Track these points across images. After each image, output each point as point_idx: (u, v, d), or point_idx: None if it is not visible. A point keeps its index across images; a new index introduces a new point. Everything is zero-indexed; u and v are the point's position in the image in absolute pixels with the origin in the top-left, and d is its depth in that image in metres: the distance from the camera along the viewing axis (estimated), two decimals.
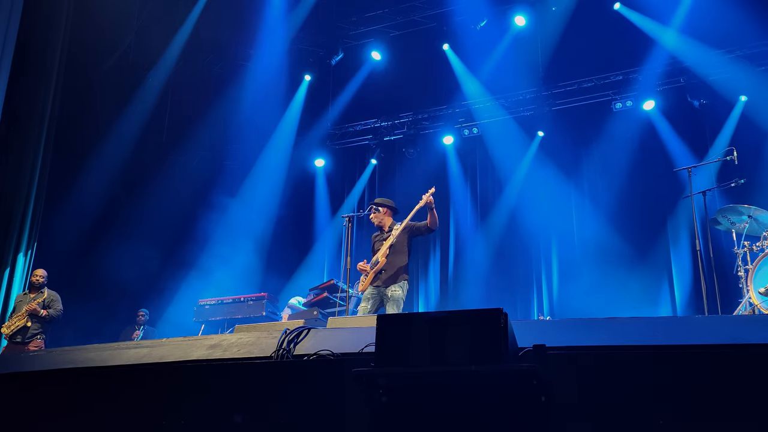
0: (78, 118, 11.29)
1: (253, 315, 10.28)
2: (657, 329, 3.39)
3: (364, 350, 3.53)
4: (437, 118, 13.18)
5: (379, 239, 7.47)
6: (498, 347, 2.92)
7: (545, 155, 12.10)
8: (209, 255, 12.28)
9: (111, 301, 11.28)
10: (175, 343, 4.39)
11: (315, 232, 13.90)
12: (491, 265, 11.96)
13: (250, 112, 12.83)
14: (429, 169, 12.92)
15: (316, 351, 3.71)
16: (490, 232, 12.39)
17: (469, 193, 12.96)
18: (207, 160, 13.49)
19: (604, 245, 11.13)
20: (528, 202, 11.94)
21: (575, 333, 3.49)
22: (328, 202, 14.07)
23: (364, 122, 13.73)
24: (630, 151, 11.40)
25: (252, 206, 12.92)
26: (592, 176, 11.91)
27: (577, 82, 12.04)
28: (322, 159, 13.99)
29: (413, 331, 3.12)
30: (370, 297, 7.13)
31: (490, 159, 12.86)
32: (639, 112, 11.59)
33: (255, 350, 3.99)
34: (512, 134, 12.41)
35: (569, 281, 11.33)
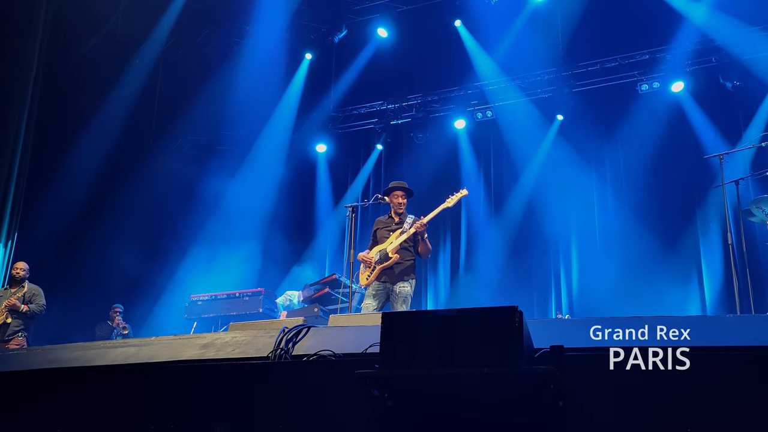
0: (61, 102, 11.30)
1: (248, 312, 10.29)
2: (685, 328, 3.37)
3: (368, 350, 3.53)
4: (448, 101, 13.14)
5: (386, 228, 7.40)
6: (512, 348, 2.91)
7: (565, 141, 12.05)
8: (202, 247, 12.31)
9: (97, 296, 11.31)
10: (165, 342, 4.39)
11: (316, 223, 13.90)
12: (505, 259, 11.94)
13: (246, 94, 12.82)
14: (439, 156, 12.89)
15: (316, 351, 3.71)
16: (504, 224, 12.37)
17: (482, 181, 12.92)
18: (199, 146, 13.50)
19: (627, 238, 11.10)
20: (546, 191, 11.91)
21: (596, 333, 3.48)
22: (330, 190, 14.06)
23: (369, 105, 13.70)
24: (657, 136, 11.35)
25: (248, 196, 12.93)
26: (616, 164, 11.86)
27: (600, 62, 11.98)
28: (324, 144, 13.98)
29: (421, 330, 3.12)
30: (375, 293, 7.12)
31: (505, 145, 12.81)
32: (667, 94, 11.53)
33: (251, 350, 4.00)
34: (529, 118, 12.37)
35: (590, 277, 11.31)
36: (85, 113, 11.67)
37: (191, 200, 12.82)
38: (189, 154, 13.26)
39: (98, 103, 11.78)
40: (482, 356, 2.96)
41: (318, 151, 14.06)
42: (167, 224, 12.48)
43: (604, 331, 3.50)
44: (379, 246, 7.29)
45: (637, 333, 3.40)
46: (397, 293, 7.04)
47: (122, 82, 12.10)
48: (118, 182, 12.21)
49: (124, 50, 12.17)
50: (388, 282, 7.11)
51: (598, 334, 3.47)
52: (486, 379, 2.95)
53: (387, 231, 7.37)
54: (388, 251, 7.15)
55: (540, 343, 3.16)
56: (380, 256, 7.17)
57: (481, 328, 3.02)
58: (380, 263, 7.15)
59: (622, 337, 3.33)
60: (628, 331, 3.43)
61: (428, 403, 3.22)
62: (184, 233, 12.47)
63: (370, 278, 7.17)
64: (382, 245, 7.27)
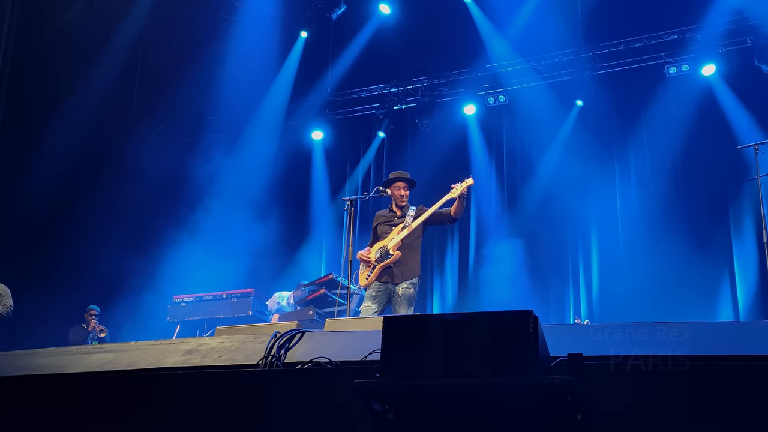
0: (31, 84, 11.29)
1: (237, 314, 10.31)
2: (716, 336, 3.37)
3: (367, 358, 3.53)
4: (457, 84, 13.13)
5: (387, 222, 7.40)
6: (526, 356, 2.91)
7: (585, 129, 12.04)
8: (186, 244, 12.29)
9: (70, 296, 11.31)
10: (145, 348, 4.39)
11: (311, 217, 13.91)
12: (519, 258, 11.94)
13: (235, 76, 12.81)
14: (447, 144, 12.89)
15: (311, 358, 3.71)
16: (518, 220, 12.37)
17: (493, 173, 12.92)
18: (184, 132, 13.50)
19: (653, 236, 11.10)
20: (563, 184, 11.90)
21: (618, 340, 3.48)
22: (327, 182, 14.07)
23: (371, 88, 13.69)
24: (685, 124, 11.34)
25: (237, 187, 12.93)
26: (640, 154, 11.85)
27: (624, 42, 11.97)
28: (321, 131, 13.97)
29: (426, 336, 3.12)
30: (375, 295, 7.12)
31: (519, 133, 12.81)
32: (697, 77, 11.51)
33: (239, 357, 4.00)
34: (546, 103, 12.36)
35: (611, 278, 11.31)
36: (58, 96, 11.65)
37: (174, 192, 12.82)
38: (172, 141, 13.24)
39: (73, 84, 11.76)
40: (493, 365, 2.95)
41: (314, 139, 14.06)
42: (148, 218, 12.47)
43: (626, 338, 3.50)
44: (380, 243, 7.28)
45: (663, 340, 3.39)
46: (400, 295, 7.04)
47: (99, 61, 12.08)
48: (94, 172, 12.20)
49: (101, 26, 12.14)
50: (390, 282, 7.11)
51: (620, 341, 3.46)
52: (497, 390, 2.95)
53: (388, 226, 7.36)
54: (390, 248, 7.14)
55: (556, 350, 3.16)
56: (381, 254, 7.17)
57: (491, 334, 3.01)
58: (381, 262, 7.14)
59: (646, 344, 3.32)
60: (653, 338, 3.43)
61: (433, 415, 3.22)
62: (166, 228, 12.47)
63: (370, 278, 7.17)
64: (382, 242, 7.26)
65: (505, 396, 2.99)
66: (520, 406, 3.06)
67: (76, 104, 11.68)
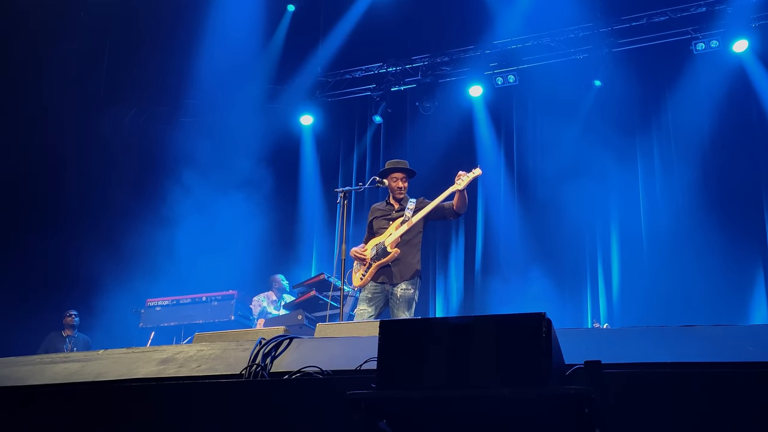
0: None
1: (218, 319, 10.31)
2: (749, 341, 3.37)
3: (362, 367, 3.53)
4: (461, 62, 13.12)
5: (384, 216, 7.40)
6: (539, 364, 2.91)
7: (603, 112, 12.03)
8: (161, 241, 12.29)
9: (35, 299, 11.32)
10: (116, 357, 4.39)
11: (300, 211, 13.91)
12: (531, 256, 11.94)
13: (215, 55, 12.80)
14: (450, 130, 12.89)
15: (300, 367, 3.71)
16: (529, 213, 12.37)
17: (502, 161, 12.92)
18: (158, 117, 13.48)
19: (679, 231, 11.11)
20: (580, 173, 11.88)
21: (641, 345, 3.48)
22: (317, 172, 14.06)
23: (366, 67, 13.68)
24: (715, 106, 11.35)
25: (217, 178, 12.91)
26: (665, 140, 11.86)
27: (647, 16, 11.96)
28: (310, 115, 13.96)
29: (428, 342, 3.12)
30: (371, 297, 7.12)
31: (531, 117, 12.80)
32: (727, 55, 11.51)
33: (220, 366, 4.00)
34: (560, 84, 12.34)
35: (633, 277, 11.32)
36: (17, 77, 11.61)
37: (148, 183, 12.80)
38: (145, 126, 13.23)
39: (33, 64, 11.73)
40: (502, 374, 2.96)
41: (303, 124, 14.04)
42: (118, 212, 12.44)
43: (650, 344, 3.50)
44: (376, 239, 7.28)
45: (690, 345, 3.39)
46: (399, 297, 7.04)
47: (63, 38, 12.04)
48: (58, 162, 12.18)
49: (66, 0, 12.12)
50: (387, 283, 7.11)
51: (642, 346, 3.46)
52: (507, 402, 2.95)
53: (385, 220, 7.36)
54: (387, 245, 7.13)
55: (572, 357, 3.16)
56: (377, 252, 7.17)
57: (500, 339, 3.02)
58: (377, 260, 7.14)
59: (672, 350, 3.32)
60: (680, 344, 3.43)
61: (435, 429, 3.22)
62: (138, 224, 12.45)
63: (365, 278, 7.17)
64: (379, 238, 7.26)
65: (516, 408, 3.00)
66: (531, 420, 3.07)
67: (37, 86, 11.65)
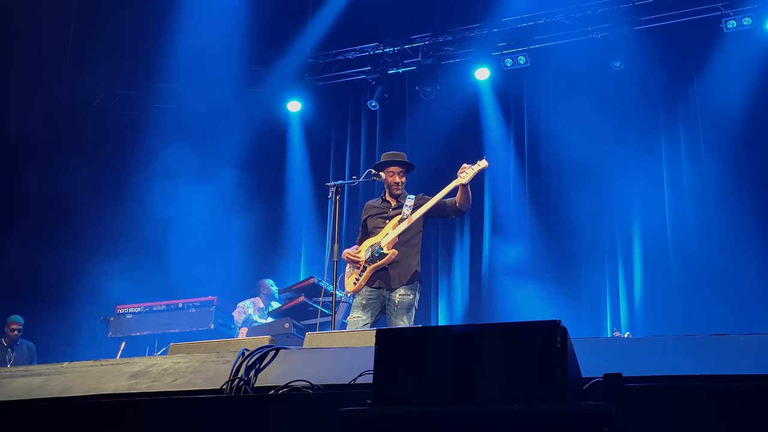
0: None
1: (196, 328, 10.31)
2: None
3: (357, 381, 3.53)
4: (466, 42, 13.12)
5: (379, 214, 7.41)
6: (553, 377, 2.91)
7: (624, 96, 12.04)
8: (132, 241, 12.28)
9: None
10: (82, 370, 4.38)
11: (287, 208, 13.90)
12: (544, 256, 11.95)
13: (192, 32, 12.77)
14: (454, 117, 12.89)
15: (287, 381, 3.71)
16: (542, 210, 12.37)
17: (512, 151, 12.92)
18: (128, 102, 13.45)
19: (708, 228, 11.12)
20: (598, 165, 11.90)
21: (667, 357, 3.48)
22: (306, 163, 14.05)
23: (360, 48, 13.66)
24: (748, 89, 11.35)
25: (194, 171, 12.89)
26: (693, 127, 11.86)
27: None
28: (298, 101, 13.95)
29: (429, 352, 3.12)
30: (366, 303, 7.12)
31: (544, 102, 12.80)
32: (761, 33, 11.51)
33: (199, 380, 4.00)
34: (576, 66, 12.35)
35: (658, 281, 11.33)
36: None
37: (116, 177, 12.82)
38: (114, 113, 13.21)
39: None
40: (512, 388, 2.96)
41: (290, 111, 14.04)
42: (84, 209, 12.44)
43: (676, 354, 3.50)
44: (372, 239, 7.29)
45: (722, 356, 3.39)
46: (397, 303, 7.05)
47: (23, 16, 12.02)
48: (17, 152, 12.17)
49: None
50: (384, 288, 7.12)
51: (668, 357, 3.46)
52: (517, 420, 2.95)
53: (381, 219, 7.36)
54: (383, 246, 7.13)
55: (590, 370, 3.16)
56: (372, 253, 7.16)
57: (510, 350, 3.02)
58: (372, 262, 7.14)
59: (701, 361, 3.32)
60: (710, 354, 3.43)
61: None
62: (106, 221, 12.45)
63: (359, 283, 7.17)
64: (374, 238, 7.27)
65: (527, 427, 3.00)
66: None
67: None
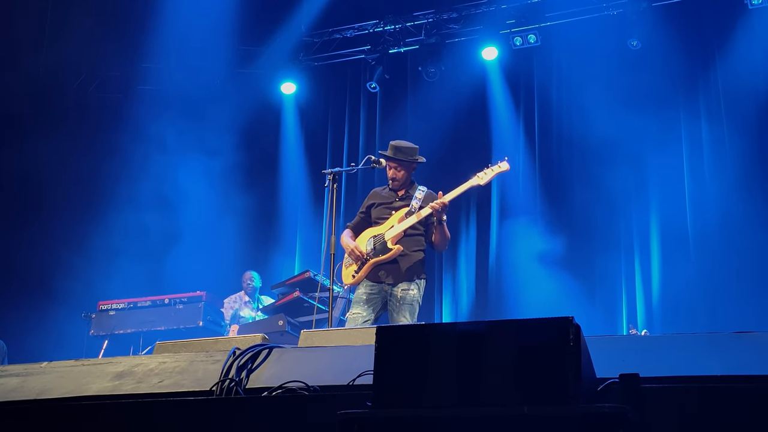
0: None
1: (183, 326, 10.33)
2: None
3: (356, 381, 3.53)
4: (473, 19, 13.10)
5: (385, 204, 7.40)
6: (565, 378, 2.91)
7: (641, 78, 12.03)
8: (115, 232, 12.28)
9: None
10: (62, 370, 4.39)
11: (280, 197, 13.90)
12: (555, 249, 11.93)
13: (178, 9, 12.74)
14: (459, 100, 12.88)
15: (281, 382, 3.71)
16: (553, 199, 12.36)
17: (521, 136, 12.91)
18: (111, 84, 13.44)
19: (731, 218, 11.10)
20: (613, 151, 11.89)
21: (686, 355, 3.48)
22: (301, 150, 14.04)
23: (359, 26, 13.65)
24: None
25: (181, 156, 12.89)
26: (715, 111, 11.83)
27: None
28: (293, 83, 13.94)
29: (433, 351, 3.12)
30: (367, 299, 7.12)
31: (555, 84, 12.78)
32: None
33: (187, 381, 4.00)
34: (590, 45, 12.33)
35: (677, 275, 11.32)
36: None
37: (100, 163, 12.78)
38: (96, 96, 13.20)
39: None
40: (521, 390, 2.96)
41: (284, 93, 14.03)
42: (64, 197, 12.44)
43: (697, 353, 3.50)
44: (374, 230, 7.27)
45: (746, 355, 3.39)
46: (399, 298, 7.05)
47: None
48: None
49: None
50: (386, 283, 7.11)
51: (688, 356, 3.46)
52: (527, 424, 2.95)
53: (386, 209, 7.34)
54: (387, 240, 7.11)
55: (605, 370, 3.16)
56: (375, 246, 7.15)
57: (519, 348, 3.01)
58: (375, 256, 7.13)
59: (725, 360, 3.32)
60: (734, 353, 3.43)
61: None
62: (88, 211, 12.45)
63: (359, 276, 7.17)
64: (377, 229, 7.25)
65: (537, 430, 3.00)
66: None
67: None
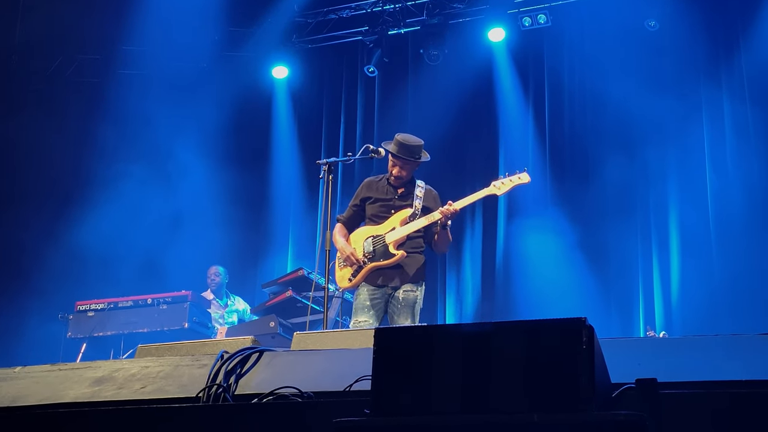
0: None
1: (168, 327, 10.32)
2: None
3: (353, 387, 3.53)
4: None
5: (383, 201, 7.37)
6: (577, 383, 2.91)
7: (659, 62, 12.03)
8: (94, 226, 12.27)
9: None
10: (37, 375, 4.39)
11: (272, 189, 13.89)
12: (567, 245, 11.94)
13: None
14: (464, 84, 12.87)
15: (273, 388, 3.71)
16: (565, 191, 12.35)
17: (530, 123, 12.90)
18: (89, 68, 13.43)
19: (755, 214, 11.11)
20: (629, 139, 11.90)
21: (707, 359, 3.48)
22: (294, 138, 14.04)
23: (356, 5, 13.63)
24: None
25: (165, 145, 12.89)
26: (739, 99, 11.82)
27: None
28: (285, 66, 13.93)
29: (436, 355, 3.12)
30: (371, 305, 7.12)
31: (567, 67, 12.78)
32: None
33: (171, 387, 4.00)
34: (604, 25, 12.32)
35: (697, 274, 11.32)
36: None
37: (78, 152, 12.78)
38: (73, 80, 13.19)
39: None
40: (531, 396, 2.96)
41: (275, 78, 14.03)
42: (39, 188, 12.44)
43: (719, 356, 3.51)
44: (371, 229, 7.24)
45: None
46: (400, 300, 7.05)
47: None
48: None
49: None
50: (388, 285, 7.10)
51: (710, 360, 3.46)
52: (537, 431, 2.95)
53: (384, 207, 7.30)
54: (389, 243, 7.05)
55: (620, 375, 3.16)
56: (374, 250, 7.11)
57: (528, 352, 3.02)
58: (374, 260, 7.09)
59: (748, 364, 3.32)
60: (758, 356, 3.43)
61: None
62: (65, 203, 12.45)
63: (356, 280, 7.15)
64: (375, 229, 7.22)
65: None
66: None
67: None
